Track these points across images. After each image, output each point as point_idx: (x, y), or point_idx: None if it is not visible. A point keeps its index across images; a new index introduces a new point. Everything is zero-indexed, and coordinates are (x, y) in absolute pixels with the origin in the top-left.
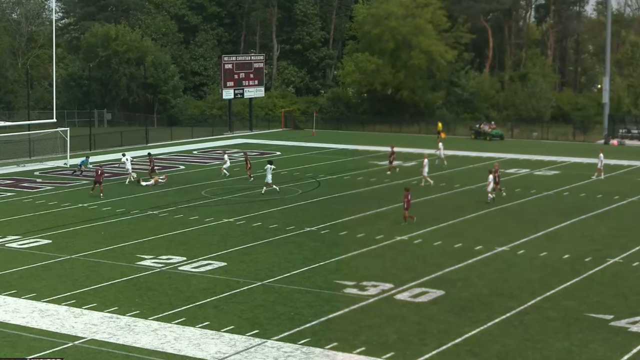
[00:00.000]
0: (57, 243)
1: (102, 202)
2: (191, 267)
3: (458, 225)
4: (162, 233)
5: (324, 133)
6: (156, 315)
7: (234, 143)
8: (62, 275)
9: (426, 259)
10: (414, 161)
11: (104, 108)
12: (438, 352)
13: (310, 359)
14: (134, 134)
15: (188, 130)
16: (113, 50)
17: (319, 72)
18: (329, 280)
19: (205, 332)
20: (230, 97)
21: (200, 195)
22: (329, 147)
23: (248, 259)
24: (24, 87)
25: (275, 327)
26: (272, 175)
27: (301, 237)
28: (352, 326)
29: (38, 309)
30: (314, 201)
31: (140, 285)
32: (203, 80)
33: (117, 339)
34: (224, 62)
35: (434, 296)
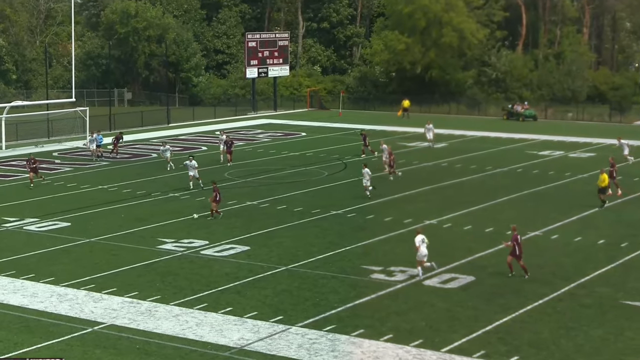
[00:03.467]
0: (76, 226)
1: (123, 184)
2: (213, 251)
3: (489, 208)
4: (184, 216)
5: (350, 113)
6: (177, 301)
7: (258, 123)
8: (81, 259)
9: (456, 243)
10: (445, 142)
11: (124, 87)
12: (468, 340)
13: (335, 346)
14: (155, 114)
15: (210, 110)
16: (133, 27)
17: (346, 50)
18: (356, 265)
19: (227, 318)
20: (254, 76)
21: (224, 177)
22: (356, 128)
23: (272, 243)
24: (42, 66)
25: (299, 313)
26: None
27: (327, 221)
28: (379, 313)
29: (57, 293)
30: (340, 184)
31: (161, 270)
32: (226, 58)
33: (138, 325)
34: (247, 39)
35: (463, 282)
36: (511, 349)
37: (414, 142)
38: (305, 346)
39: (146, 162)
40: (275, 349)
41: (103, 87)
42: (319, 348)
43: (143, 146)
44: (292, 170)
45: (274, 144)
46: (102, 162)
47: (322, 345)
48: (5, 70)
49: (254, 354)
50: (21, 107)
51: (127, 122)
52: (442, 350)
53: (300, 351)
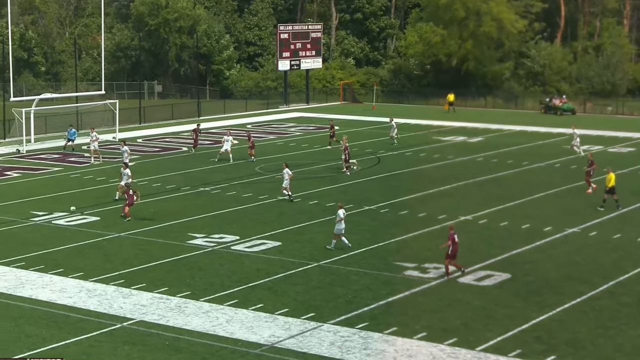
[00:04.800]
0: (105, 220)
1: (153, 177)
2: (244, 247)
3: (526, 204)
4: (214, 211)
5: (384, 106)
6: (207, 297)
7: (290, 117)
8: (111, 253)
9: (491, 240)
10: (481, 137)
11: (154, 79)
12: (503, 339)
13: (368, 344)
14: (186, 107)
15: (242, 103)
16: (163, 19)
17: (379, 42)
18: (389, 261)
19: (258, 314)
20: (286, 69)
21: (255, 171)
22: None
23: (304, 238)
24: (71, 58)
25: (331, 310)
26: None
27: (359, 216)
28: (413, 310)
29: (85, 288)
30: (373, 178)
31: (191, 265)
32: (258, 50)
33: (167, 321)
34: (279, 31)
35: (499, 279)
36: (548, 348)
37: (448, 137)
38: (337, 344)
39: (176, 155)
40: (307, 347)
41: (133, 79)
42: (351, 346)
43: (173, 139)
44: (324, 165)
45: (306, 138)
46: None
47: (355, 343)
48: (35, 62)
49: (285, 352)
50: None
51: (157, 115)
52: (476, 349)
53: (332, 349)
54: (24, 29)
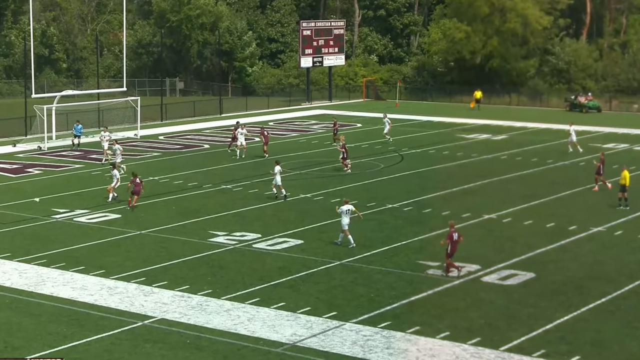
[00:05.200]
0: (127, 218)
1: (174, 175)
2: (266, 245)
3: (551, 203)
4: (236, 208)
5: (407, 104)
6: (229, 295)
7: (312, 114)
8: (132, 251)
9: (516, 239)
10: (505, 134)
11: (176, 76)
12: (527, 339)
13: (391, 344)
14: (208, 104)
15: (264, 100)
16: (185, 15)
17: (403, 39)
18: (412, 260)
19: (280, 313)
20: (308, 66)
21: None
22: (413, 119)
23: (326, 236)
24: (93, 54)
25: (354, 309)
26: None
27: (383, 214)
28: (436, 309)
29: (107, 286)
30: (396, 176)
31: (213, 263)
32: (280, 47)
33: (188, 319)
34: (302, 28)
35: (523, 279)
36: (572, 348)
37: (472, 134)
38: (360, 343)
39: (198, 153)
40: (329, 346)
41: (155, 76)
42: (374, 345)
43: (195, 137)
44: None
45: (329, 135)
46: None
47: (377, 342)
48: (56, 59)
49: (307, 351)
50: (71, 97)
51: (179, 112)
52: (500, 349)
53: (354, 348)
54: (46, 25)
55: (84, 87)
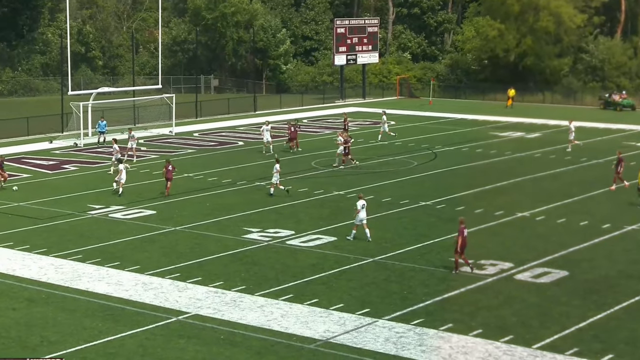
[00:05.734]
0: (162, 214)
1: (208, 172)
2: (299, 242)
3: (584, 201)
4: (270, 205)
5: (441, 102)
6: (262, 291)
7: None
8: (166, 247)
9: (549, 237)
10: (538, 132)
11: (211, 74)
12: (560, 337)
13: (423, 341)
14: (242, 101)
15: (298, 97)
16: (220, 13)
17: (436, 37)
18: (445, 257)
19: (313, 309)
20: (342, 63)
21: (310, 166)
22: (446, 117)
23: (359, 233)
24: (129, 52)
25: (386, 306)
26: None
27: (416, 212)
28: (469, 307)
29: (141, 282)
30: (429, 174)
31: (247, 260)
32: (314, 45)
33: (222, 315)
34: (336, 26)
35: (556, 277)
36: (606, 347)
37: (506, 132)
38: (392, 340)
39: (232, 150)
40: (362, 342)
41: (189, 73)
42: (406, 342)
43: (229, 134)
44: (380, 160)
45: (362, 133)
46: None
47: (410, 339)
48: (92, 56)
49: (339, 347)
50: (107, 94)
51: (214, 109)
52: (533, 347)
53: (387, 345)
54: (82, 23)
55: (120, 85)
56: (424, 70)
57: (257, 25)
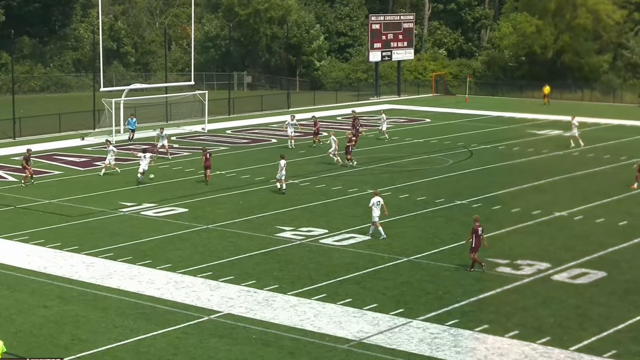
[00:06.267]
0: (194, 212)
1: (241, 169)
2: (333, 240)
3: (624, 201)
4: (303, 203)
5: (477, 99)
6: (295, 290)
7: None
8: (198, 245)
9: (587, 237)
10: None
11: (244, 70)
12: (598, 339)
13: (458, 342)
14: (275, 98)
15: (332, 94)
16: (253, 9)
17: (473, 33)
18: (480, 257)
19: (346, 309)
20: (377, 60)
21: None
22: (482, 115)
23: (394, 233)
24: (161, 48)
25: (421, 306)
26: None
27: (451, 211)
28: (505, 308)
29: (173, 280)
30: (465, 172)
31: (279, 258)
32: (348, 41)
33: (255, 314)
34: (371, 22)
35: (594, 278)
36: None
37: (543, 130)
38: (427, 341)
39: (265, 147)
40: (396, 343)
41: (222, 70)
42: (441, 343)
43: (262, 131)
44: (415, 158)
45: (397, 131)
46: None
47: (444, 340)
48: (125, 52)
49: (373, 347)
50: (140, 90)
51: (247, 106)
52: (570, 349)
53: (421, 346)
54: (114, 19)
55: (152, 81)
56: (460, 67)
57: (290, 21)
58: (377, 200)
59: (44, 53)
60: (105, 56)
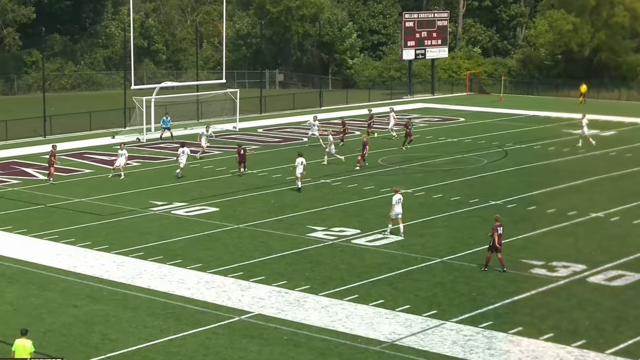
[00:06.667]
0: (225, 211)
1: (272, 168)
2: (365, 241)
3: None
4: (335, 203)
5: (512, 98)
6: (327, 291)
7: (414, 107)
8: (229, 245)
9: (624, 238)
10: (614, 130)
11: (276, 68)
12: (635, 342)
13: (492, 344)
14: (307, 97)
15: (365, 93)
16: (285, 7)
17: (508, 31)
18: (515, 258)
19: (378, 310)
20: (410, 58)
21: (377, 163)
22: (517, 114)
23: (427, 233)
24: (192, 46)
25: (454, 308)
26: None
27: (485, 211)
28: (539, 310)
29: (204, 280)
30: (500, 172)
31: (311, 259)
32: (382, 39)
33: (286, 315)
34: (404, 19)
35: (631, 280)
36: None
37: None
38: (460, 343)
39: (297, 146)
40: (428, 345)
41: (254, 68)
42: (475, 345)
43: (294, 130)
44: (449, 158)
45: (431, 130)
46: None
47: (478, 343)
48: (156, 50)
49: (405, 349)
50: (170, 89)
51: (278, 105)
52: (606, 352)
53: (454, 348)
54: (145, 16)
55: (183, 79)
56: (495, 66)
57: (323, 18)
58: (399, 198)
59: (75, 51)
60: (136, 54)
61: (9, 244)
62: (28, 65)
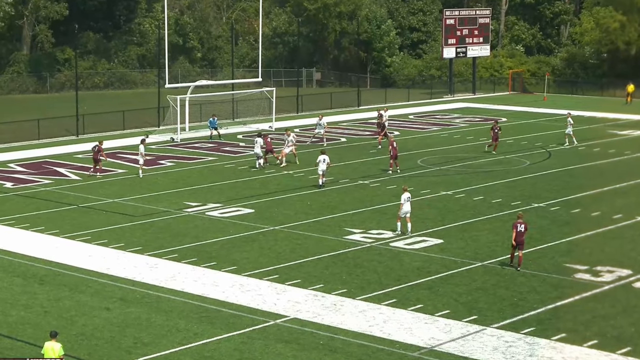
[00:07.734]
0: (260, 213)
1: (309, 169)
2: (404, 244)
3: None
4: (373, 205)
5: (556, 97)
6: (364, 295)
7: (455, 107)
8: (265, 247)
9: None
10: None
11: (313, 67)
12: None
13: (534, 351)
14: (345, 96)
15: (404, 92)
16: (322, 4)
17: (552, 29)
18: (558, 263)
19: (417, 315)
20: (451, 56)
21: (416, 164)
22: (561, 114)
23: (467, 236)
24: (228, 43)
25: (495, 313)
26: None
27: (528, 214)
28: (583, 316)
29: (238, 283)
30: (543, 174)
31: (348, 262)
32: (422, 37)
33: (322, 319)
34: (445, 17)
35: None
36: None
37: (626, 130)
38: (501, 349)
39: (334, 146)
40: (469, 351)
41: (290, 66)
42: (516, 352)
43: (331, 129)
44: (490, 159)
45: (472, 130)
46: None
47: (520, 349)
48: (191, 47)
49: (445, 356)
50: (205, 87)
51: (315, 104)
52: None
53: (495, 354)
54: (180, 13)
55: (218, 77)
56: (538, 64)
57: (361, 16)
58: (408, 196)
59: (108, 48)
60: (170, 52)
61: (41, 245)
62: (61, 63)
